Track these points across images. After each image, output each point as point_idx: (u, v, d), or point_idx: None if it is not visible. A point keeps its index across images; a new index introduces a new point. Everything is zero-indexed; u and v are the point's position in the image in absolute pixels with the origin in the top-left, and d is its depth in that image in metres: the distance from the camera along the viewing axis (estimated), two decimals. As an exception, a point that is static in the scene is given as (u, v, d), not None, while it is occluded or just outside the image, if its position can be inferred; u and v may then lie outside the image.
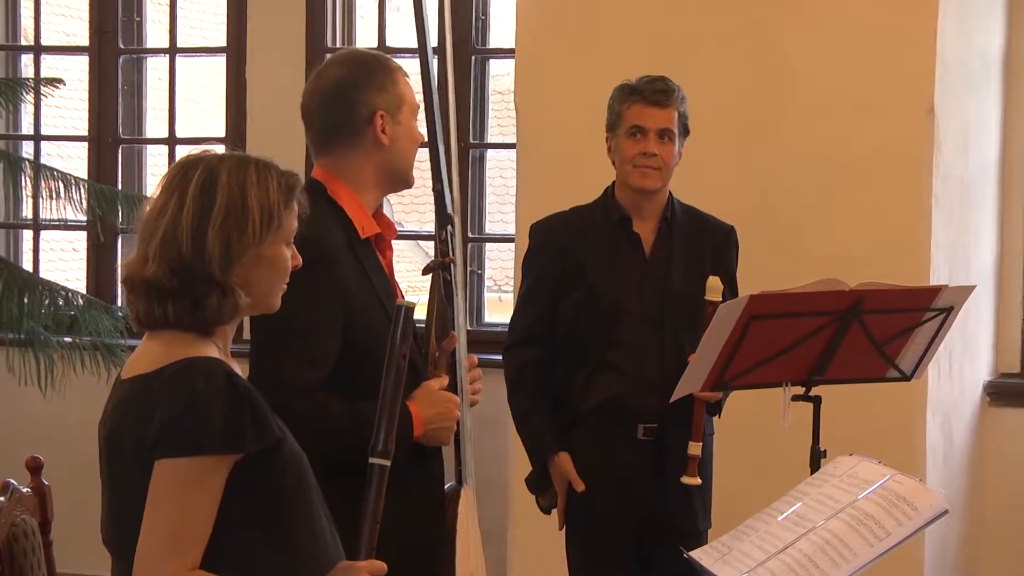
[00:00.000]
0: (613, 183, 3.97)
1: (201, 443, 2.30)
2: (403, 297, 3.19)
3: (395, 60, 3.19)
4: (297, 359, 2.92)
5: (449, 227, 3.24)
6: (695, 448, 3.74)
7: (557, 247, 3.94)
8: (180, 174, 2.42)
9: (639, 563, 3.89)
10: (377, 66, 3.15)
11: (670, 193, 3.94)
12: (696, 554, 3.00)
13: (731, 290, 3.89)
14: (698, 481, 3.76)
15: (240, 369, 2.48)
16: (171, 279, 2.37)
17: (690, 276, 3.83)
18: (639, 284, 3.87)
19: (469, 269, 6.11)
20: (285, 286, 2.51)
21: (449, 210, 3.25)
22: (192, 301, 2.38)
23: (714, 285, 3.73)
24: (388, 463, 2.58)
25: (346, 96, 3.11)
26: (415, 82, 3.22)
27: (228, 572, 2.35)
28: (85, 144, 6.70)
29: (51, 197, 5.79)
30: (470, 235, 6.10)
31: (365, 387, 2.95)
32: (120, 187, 6.39)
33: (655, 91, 3.86)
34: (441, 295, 3.18)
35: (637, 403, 3.82)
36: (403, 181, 3.20)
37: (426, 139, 3.20)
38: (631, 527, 3.86)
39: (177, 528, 2.31)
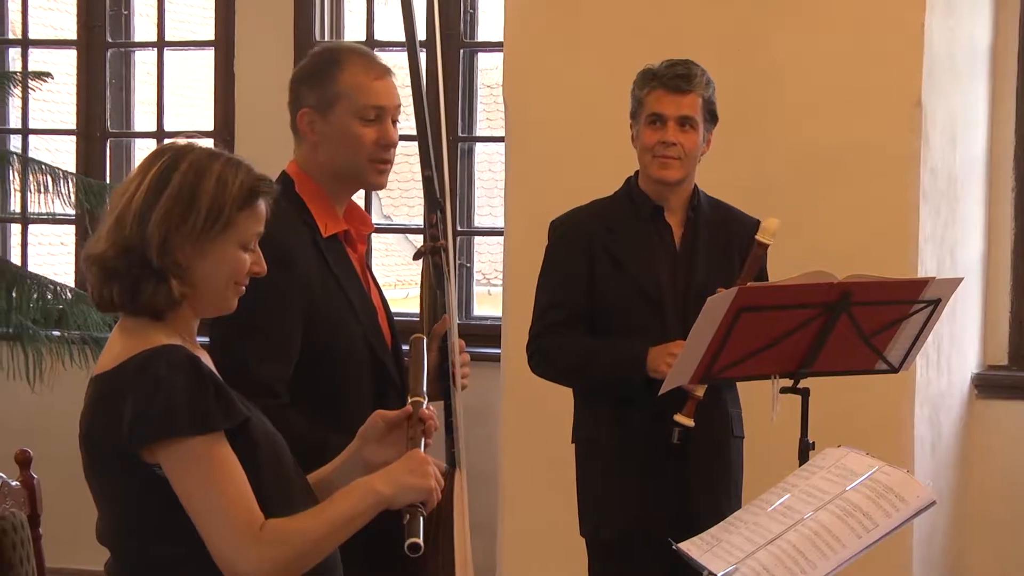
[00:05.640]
0: (636, 173, 3.87)
1: (171, 426, 2.30)
2: (379, 290, 3.20)
3: (361, 53, 3.11)
4: (260, 356, 2.90)
5: (439, 212, 3.22)
6: (699, 389, 3.62)
7: (583, 241, 3.82)
8: (149, 160, 2.44)
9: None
10: (321, 60, 3.10)
11: (696, 185, 3.85)
12: (685, 546, 3.01)
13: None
14: (691, 423, 3.63)
15: (206, 359, 2.48)
16: (115, 259, 2.38)
17: (714, 271, 3.75)
18: (670, 277, 3.78)
19: (458, 262, 6.10)
20: (243, 289, 2.50)
21: (438, 195, 3.23)
22: (131, 284, 2.39)
23: (769, 227, 3.67)
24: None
25: (291, 90, 3.12)
26: (403, 75, 3.18)
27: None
28: (73, 138, 6.68)
29: (39, 191, 5.78)
30: (459, 228, 6.10)
31: (328, 382, 2.94)
32: (108, 181, 6.37)
33: (674, 76, 3.73)
34: (432, 280, 3.16)
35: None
36: (351, 182, 3.12)
37: (391, 137, 3.10)
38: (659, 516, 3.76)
39: (221, 506, 2.33)
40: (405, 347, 3.19)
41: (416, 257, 3.22)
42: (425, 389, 2.72)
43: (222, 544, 2.33)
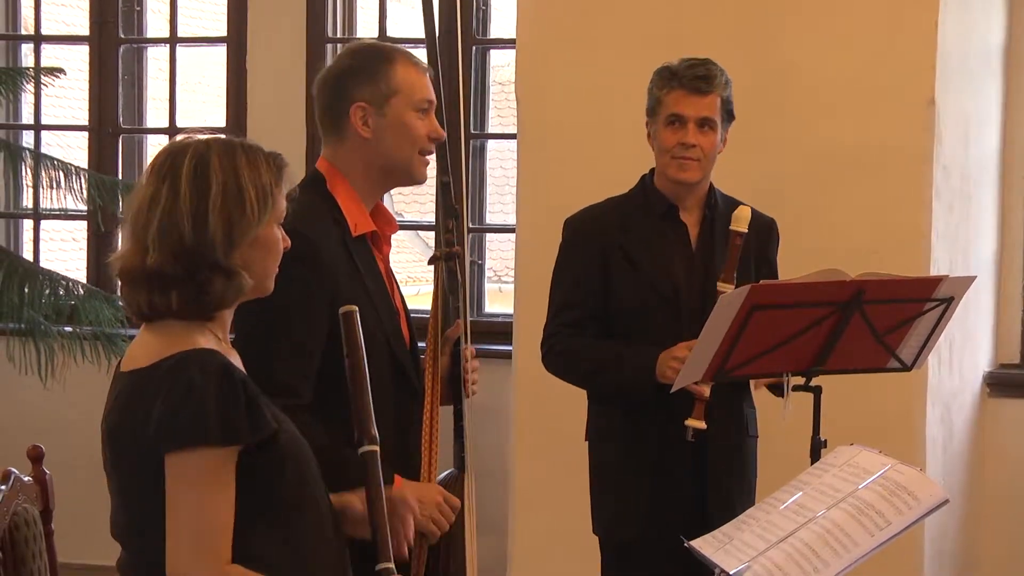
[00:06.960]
0: (651, 171, 3.84)
1: (198, 435, 2.30)
2: (400, 292, 3.19)
3: (403, 50, 3.11)
4: (280, 353, 2.88)
5: (454, 218, 3.21)
6: (704, 390, 3.60)
7: (598, 240, 3.79)
8: (168, 162, 2.42)
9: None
10: (371, 56, 3.09)
11: (711, 183, 3.82)
12: (697, 543, 3.00)
13: None
14: (703, 424, 3.61)
15: (237, 360, 2.48)
16: (174, 266, 2.37)
17: None
18: (686, 276, 3.75)
19: (470, 260, 6.11)
20: (278, 268, 2.51)
21: (454, 202, 3.23)
22: (196, 287, 2.38)
23: (742, 215, 3.65)
24: (376, 447, 2.59)
25: (332, 87, 3.09)
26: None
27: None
28: (85, 134, 6.70)
29: (51, 187, 5.80)
30: (470, 225, 6.09)
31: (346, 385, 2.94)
32: (120, 177, 6.39)
33: (695, 77, 3.68)
34: (444, 285, 3.16)
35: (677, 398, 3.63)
36: (401, 176, 3.13)
37: (440, 131, 3.12)
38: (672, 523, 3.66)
39: (201, 524, 2.32)
40: (421, 344, 3.21)
41: (431, 262, 3.21)
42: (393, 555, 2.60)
43: (180, 565, 2.32)
